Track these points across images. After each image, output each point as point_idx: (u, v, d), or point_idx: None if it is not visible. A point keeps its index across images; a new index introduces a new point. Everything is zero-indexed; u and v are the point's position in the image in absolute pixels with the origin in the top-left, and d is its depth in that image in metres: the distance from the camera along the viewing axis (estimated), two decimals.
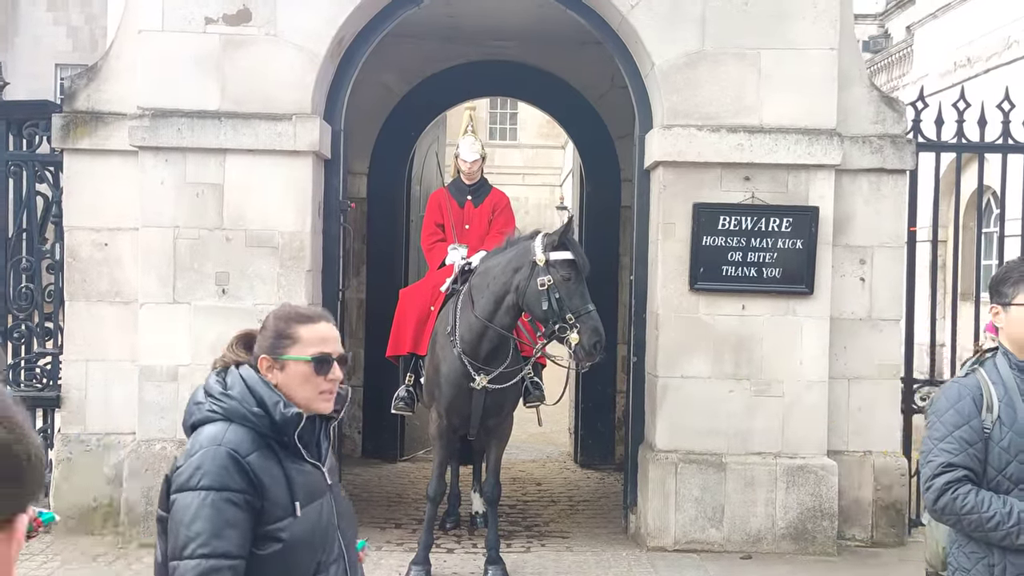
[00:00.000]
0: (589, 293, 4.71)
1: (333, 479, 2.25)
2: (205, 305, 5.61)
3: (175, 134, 5.57)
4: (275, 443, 2.10)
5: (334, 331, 2.21)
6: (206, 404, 2.16)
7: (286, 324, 2.17)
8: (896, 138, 5.80)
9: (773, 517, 5.63)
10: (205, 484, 2.00)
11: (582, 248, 4.99)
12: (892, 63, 17.20)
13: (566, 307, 4.61)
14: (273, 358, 2.15)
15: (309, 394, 2.14)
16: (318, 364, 2.13)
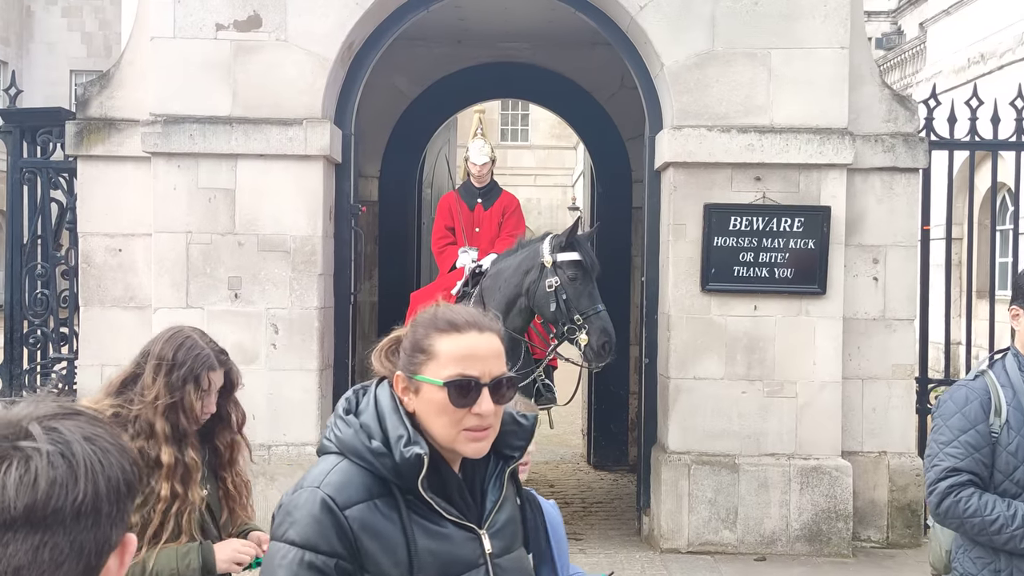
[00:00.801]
0: (599, 294, 4.70)
1: (503, 544, 1.64)
2: (218, 310, 5.64)
3: (187, 140, 5.60)
4: (400, 492, 1.57)
5: (491, 343, 1.62)
6: (328, 428, 1.66)
7: (424, 332, 1.63)
8: (908, 136, 5.76)
9: (787, 518, 5.60)
10: (290, 537, 1.54)
11: (592, 249, 4.98)
12: (905, 60, 17.10)
13: (574, 308, 4.60)
14: (408, 377, 1.62)
15: (447, 431, 1.57)
16: (456, 390, 1.56)
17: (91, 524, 0.92)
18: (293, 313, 5.64)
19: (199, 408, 2.42)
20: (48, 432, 0.93)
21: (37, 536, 0.89)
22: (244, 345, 5.65)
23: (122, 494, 0.95)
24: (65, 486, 0.91)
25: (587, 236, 4.88)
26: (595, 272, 4.73)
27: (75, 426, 0.95)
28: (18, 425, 0.93)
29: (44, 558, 0.90)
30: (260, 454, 5.62)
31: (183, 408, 2.39)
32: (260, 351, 5.65)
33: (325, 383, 5.80)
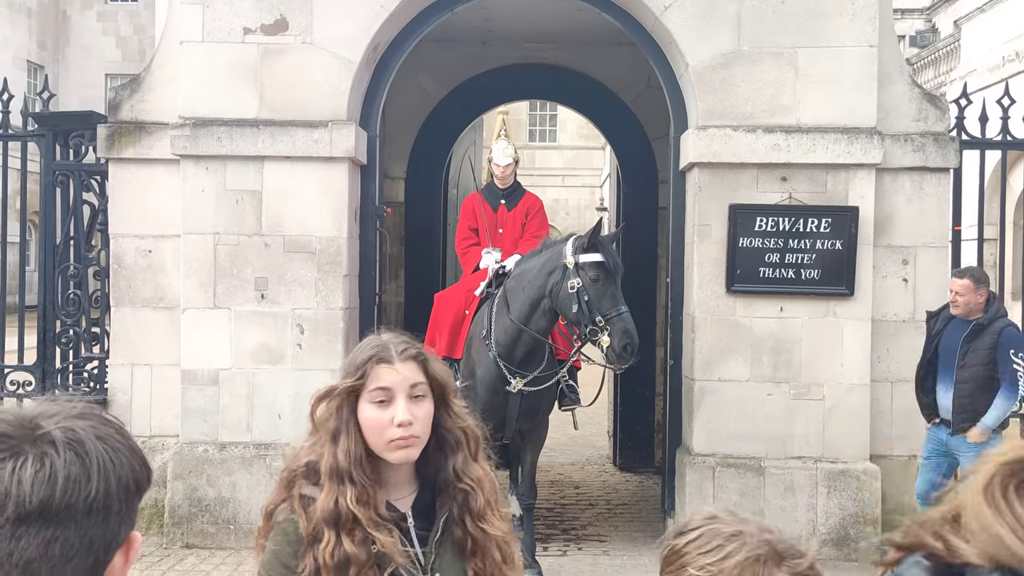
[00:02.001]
0: (622, 295, 4.68)
1: None
2: (245, 310, 5.70)
3: (215, 142, 5.67)
4: None
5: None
6: None
7: None
8: (939, 136, 5.68)
9: (814, 523, 5.54)
10: None
11: (617, 250, 4.96)
12: (939, 58, 16.84)
13: (595, 309, 4.59)
14: None
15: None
16: None
17: (101, 520, 0.94)
18: (318, 313, 5.69)
19: (378, 423, 1.68)
20: (63, 431, 0.95)
21: (49, 530, 0.92)
22: (270, 345, 5.71)
23: (131, 492, 0.98)
24: (79, 482, 0.93)
25: (611, 237, 4.86)
26: (618, 273, 4.71)
27: (88, 426, 0.97)
28: (34, 423, 0.95)
29: (55, 552, 0.92)
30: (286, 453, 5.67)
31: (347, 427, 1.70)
32: (286, 351, 5.70)
33: None
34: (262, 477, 5.67)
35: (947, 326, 5.01)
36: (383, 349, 1.71)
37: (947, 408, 4.97)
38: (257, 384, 5.71)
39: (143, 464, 1.00)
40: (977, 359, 4.88)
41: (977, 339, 4.88)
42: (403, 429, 1.67)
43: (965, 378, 4.88)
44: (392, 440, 1.67)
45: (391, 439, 1.67)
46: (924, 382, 5.07)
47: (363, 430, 1.70)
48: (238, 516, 5.68)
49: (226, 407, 5.71)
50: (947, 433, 4.99)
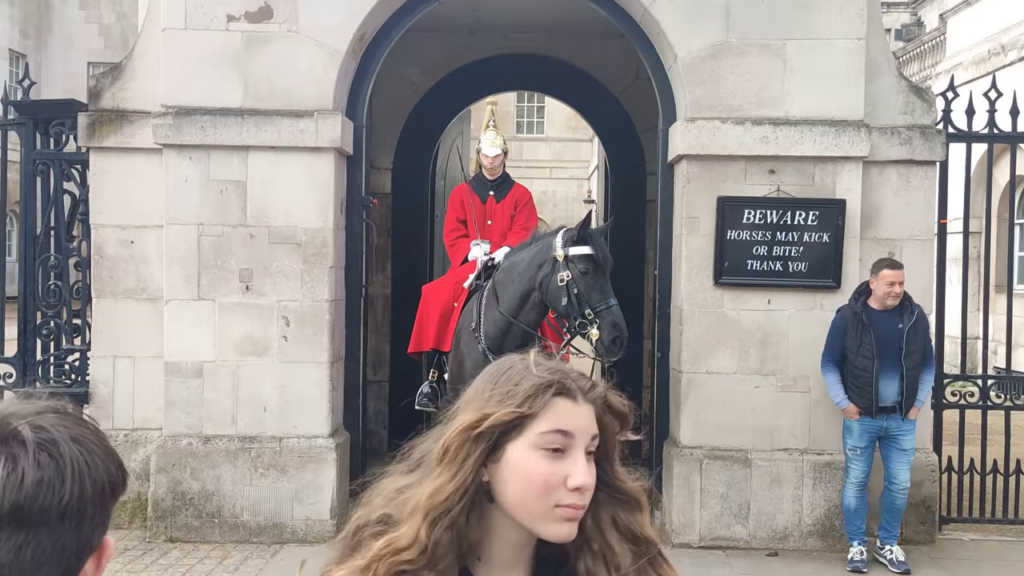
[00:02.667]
0: (611, 288, 4.65)
1: None
2: (229, 302, 5.65)
3: (198, 132, 5.60)
4: None
5: None
6: None
7: None
8: (925, 129, 5.68)
9: (800, 514, 5.55)
10: None
11: (606, 243, 4.93)
12: (925, 52, 16.89)
13: (585, 302, 4.57)
14: None
15: None
16: None
17: (74, 526, 0.91)
18: (304, 305, 5.64)
19: (545, 480, 1.19)
20: (36, 431, 0.91)
21: (21, 535, 0.88)
22: (255, 337, 5.65)
23: (106, 497, 0.94)
24: (52, 486, 0.89)
25: (600, 230, 4.83)
26: (608, 266, 4.68)
27: (63, 426, 0.93)
28: (6, 423, 0.91)
29: (26, 558, 0.88)
30: (271, 447, 5.64)
31: None
32: (271, 343, 5.65)
33: (336, 376, 5.80)
34: (247, 470, 5.62)
35: (874, 318, 5.15)
36: (563, 377, 1.21)
37: (891, 395, 5.13)
38: (242, 376, 5.65)
39: (119, 467, 0.96)
40: (917, 344, 5.14)
41: (914, 326, 5.12)
42: (579, 496, 1.18)
43: (912, 364, 5.13)
44: (560, 506, 1.17)
45: (559, 504, 1.17)
46: (863, 374, 5.13)
47: (510, 483, 1.18)
48: (222, 510, 5.63)
49: (210, 400, 5.65)
50: (892, 418, 5.15)
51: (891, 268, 5.14)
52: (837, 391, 5.25)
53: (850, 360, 5.19)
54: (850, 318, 5.20)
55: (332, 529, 5.63)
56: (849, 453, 5.27)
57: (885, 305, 5.15)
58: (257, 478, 5.62)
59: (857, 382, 5.17)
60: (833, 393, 5.28)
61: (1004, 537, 5.91)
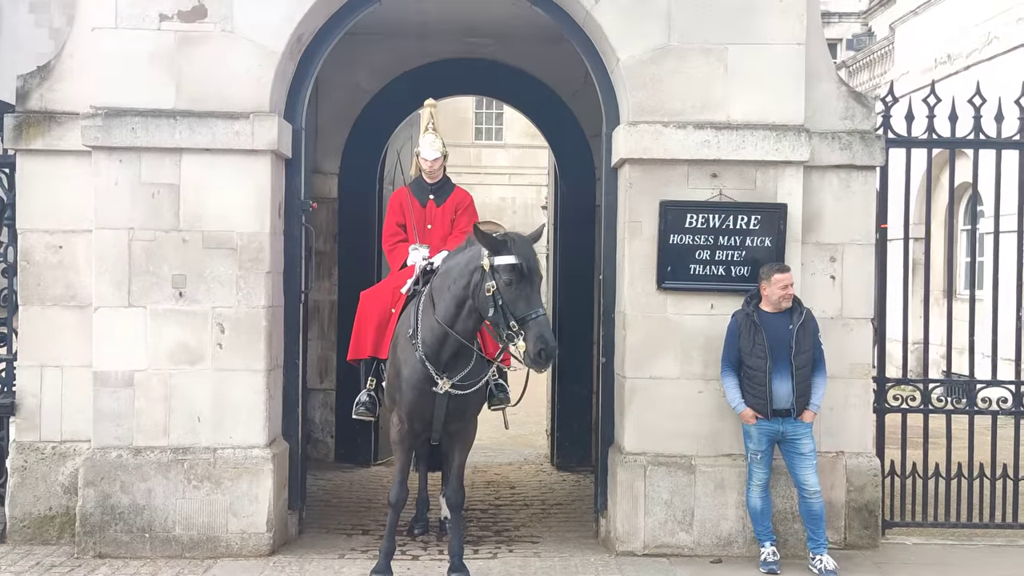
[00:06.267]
0: (540, 297, 4.51)
1: None
2: (162, 309, 5.48)
3: (129, 134, 5.44)
4: None
5: None
6: None
7: None
8: (865, 134, 5.71)
9: (744, 520, 5.53)
10: None
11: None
12: (874, 61, 17.18)
13: (510, 313, 4.47)
14: None
15: None
16: None
17: None
18: (240, 312, 5.49)
19: None
20: None
21: None
22: (189, 345, 5.49)
23: None
24: None
25: (527, 238, 4.67)
26: (535, 276, 4.51)
27: None
28: None
29: None
30: (205, 458, 5.48)
31: None
32: (205, 351, 5.49)
33: (273, 384, 5.65)
34: (179, 483, 5.45)
35: (766, 320, 5.24)
36: None
37: (785, 397, 5.20)
38: (174, 386, 5.49)
39: None
40: (807, 344, 5.24)
41: (803, 326, 5.22)
42: None
43: (802, 364, 5.22)
44: None
45: None
46: (757, 375, 5.20)
47: None
48: (154, 524, 5.45)
49: (141, 410, 5.48)
50: (787, 421, 5.22)
51: (782, 272, 5.28)
52: (734, 395, 5.31)
53: (745, 362, 5.27)
54: (743, 321, 5.29)
55: (269, 542, 5.48)
56: (751, 456, 5.34)
57: (779, 307, 5.27)
58: (190, 491, 5.45)
59: (752, 383, 5.25)
60: (731, 397, 5.33)
61: (946, 541, 5.95)
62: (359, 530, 6.18)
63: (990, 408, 6.04)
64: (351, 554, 5.61)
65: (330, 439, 8.41)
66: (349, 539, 5.95)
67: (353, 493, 7.31)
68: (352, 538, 5.98)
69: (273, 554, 5.48)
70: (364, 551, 5.66)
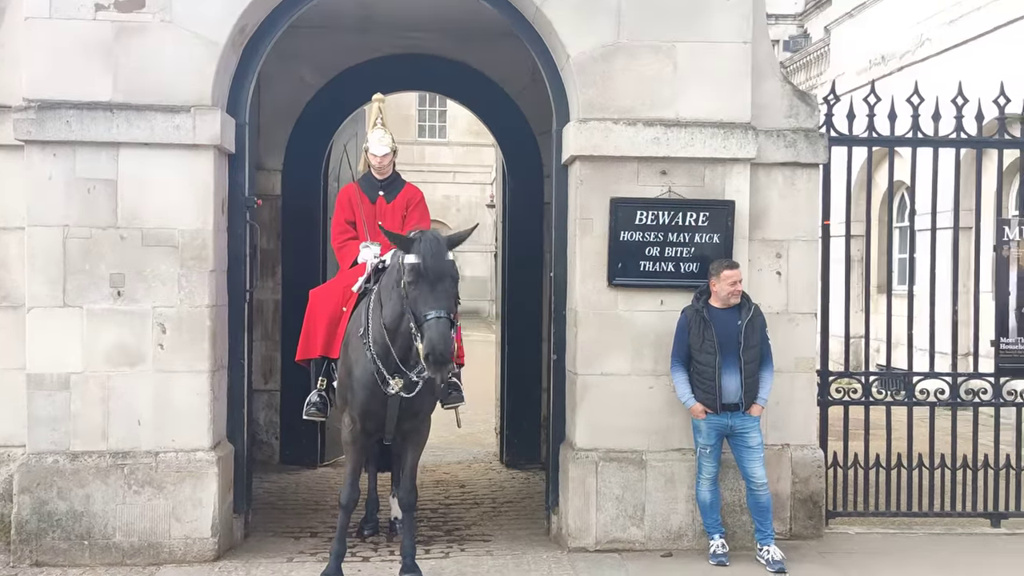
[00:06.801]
0: (444, 298, 4.36)
1: None
2: (99, 308, 5.30)
3: (63, 127, 5.24)
4: None
5: None
6: None
7: None
8: (809, 132, 5.82)
9: (693, 513, 5.58)
10: None
11: (443, 247, 4.40)
12: (810, 62, 17.56)
13: (411, 314, 4.39)
14: None
15: None
16: None
17: None
18: (182, 312, 5.33)
19: None
20: None
21: None
22: (128, 346, 5.32)
23: None
24: None
25: (437, 238, 4.50)
26: (440, 276, 4.39)
27: None
28: None
29: None
30: (146, 462, 5.32)
31: None
32: (146, 352, 5.32)
33: (218, 385, 5.51)
34: (119, 488, 5.28)
35: (715, 315, 5.31)
36: None
37: (733, 391, 5.28)
38: (113, 388, 5.31)
39: None
40: (755, 340, 5.32)
41: (751, 322, 5.30)
42: None
43: (750, 358, 5.30)
44: None
45: None
46: (706, 370, 5.28)
47: None
48: (93, 530, 5.27)
49: (78, 414, 5.29)
50: (735, 415, 5.29)
51: (731, 268, 5.35)
52: (684, 390, 5.38)
53: (695, 357, 5.34)
54: (692, 316, 5.37)
55: (214, 547, 5.34)
56: (700, 451, 5.41)
57: (727, 303, 5.34)
58: (131, 496, 5.28)
59: (701, 378, 5.31)
60: (680, 392, 5.40)
61: (887, 529, 6.10)
62: (307, 533, 6.07)
63: (928, 399, 6.21)
64: (299, 557, 5.51)
65: (275, 440, 8.25)
66: (297, 542, 5.84)
67: (300, 495, 7.18)
68: (300, 541, 5.87)
69: (218, 559, 5.34)
70: (313, 554, 5.56)
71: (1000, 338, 6.16)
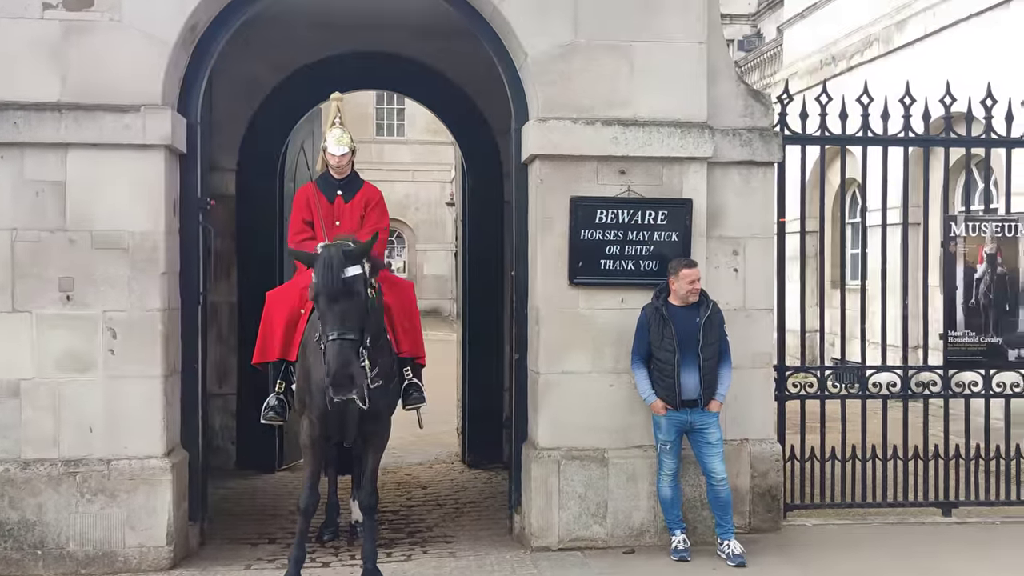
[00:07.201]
0: (342, 318, 4.35)
1: None
2: (48, 313, 5.17)
3: (11, 128, 5.11)
4: None
5: None
6: None
7: None
8: (764, 131, 5.89)
9: (655, 510, 5.62)
10: None
11: (340, 264, 4.45)
12: (764, 62, 17.81)
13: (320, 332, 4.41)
14: None
15: None
16: None
17: None
18: (133, 316, 5.22)
19: None
20: None
21: None
22: (78, 352, 5.20)
23: None
24: None
25: (335, 255, 4.44)
26: (335, 296, 4.37)
27: None
28: None
29: None
30: (99, 470, 5.20)
31: None
32: (97, 358, 5.21)
33: (171, 390, 5.40)
34: (72, 497, 5.16)
35: (674, 313, 5.36)
36: None
37: (693, 388, 5.32)
38: (64, 395, 5.18)
39: None
40: (714, 337, 5.38)
41: (709, 319, 5.37)
42: None
43: (709, 355, 5.36)
44: None
45: None
46: (666, 367, 5.33)
47: None
48: (46, 540, 5.14)
49: (29, 421, 5.15)
50: (695, 412, 5.34)
51: (689, 267, 5.41)
52: (645, 387, 5.42)
53: (655, 355, 5.39)
54: (652, 314, 5.41)
55: (169, 556, 5.23)
56: (660, 447, 5.45)
57: (686, 301, 5.40)
58: (84, 504, 5.16)
59: (661, 375, 5.36)
60: (641, 389, 5.45)
61: (843, 520, 6.21)
62: (265, 539, 5.98)
63: (881, 392, 6.34)
64: (257, 564, 5.43)
65: (231, 445, 8.12)
66: (255, 549, 5.76)
67: (257, 501, 7.08)
68: (258, 547, 5.79)
69: (174, 568, 5.25)
70: (271, 560, 5.48)
71: (948, 331, 6.31)
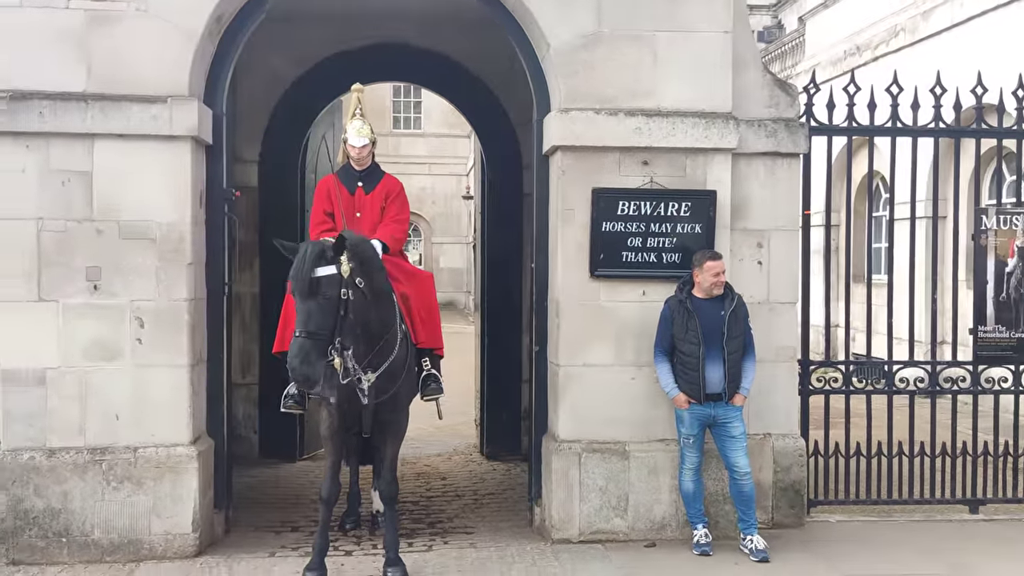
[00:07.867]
0: (308, 313, 4.40)
1: None
2: (75, 303, 5.21)
3: (36, 118, 5.14)
4: None
5: None
6: None
7: None
8: (790, 122, 5.83)
9: (677, 504, 5.60)
10: None
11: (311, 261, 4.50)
12: (785, 53, 17.64)
13: None
14: None
15: None
16: None
17: None
18: (160, 305, 5.26)
19: None
20: None
21: None
22: (106, 341, 5.24)
23: None
24: None
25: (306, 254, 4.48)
26: (303, 294, 4.42)
27: None
28: None
29: None
30: (125, 457, 5.24)
31: None
32: (124, 347, 5.25)
33: (197, 379, 5.44)
34: (98, 484, 5.20)
35: (699, 306, 5.31)
36: None
37: (717, 382, 5.28)
38: (91, 383, 5.22)
39: None
40: (738, 330, 5.33)
41: (734, 312, 5.32)
42: None
43: (734, 349, 5.32)
44: None
45: None
46: (690, 360, 5.29)
47: None
48: (71, 528, 5.19)
49: (55, 409, 5.20)
50: (719, 405, 5.30)
51: (714, 259, 5.36)
52: (668, 380, 5.39)
53: (678, 347, 5.35)
54: (676, 307, 5.37)
55: (195, 543, 5.28)
56: (683, 441, 5.42)
57: (711, 294, 5.35)
58: (110, 492, 5.20)
59: (685, 368, 5.33)
60: (664, 382, 5.41)
61: (868, 517, 6.16)
62: (288, 527, 6.02)
63: (908, 388, 6.27)
64: (282, 552, 5.46)
65: (253, 435, 8.18)
66: (279, 536, 5.79)
67: (280, 489, 7.12)
68: (282, 535, 5.82)
69: (200, 555, 5.29)
70: (295, 548, 5.51)
71: (978, 326, 6.24)
